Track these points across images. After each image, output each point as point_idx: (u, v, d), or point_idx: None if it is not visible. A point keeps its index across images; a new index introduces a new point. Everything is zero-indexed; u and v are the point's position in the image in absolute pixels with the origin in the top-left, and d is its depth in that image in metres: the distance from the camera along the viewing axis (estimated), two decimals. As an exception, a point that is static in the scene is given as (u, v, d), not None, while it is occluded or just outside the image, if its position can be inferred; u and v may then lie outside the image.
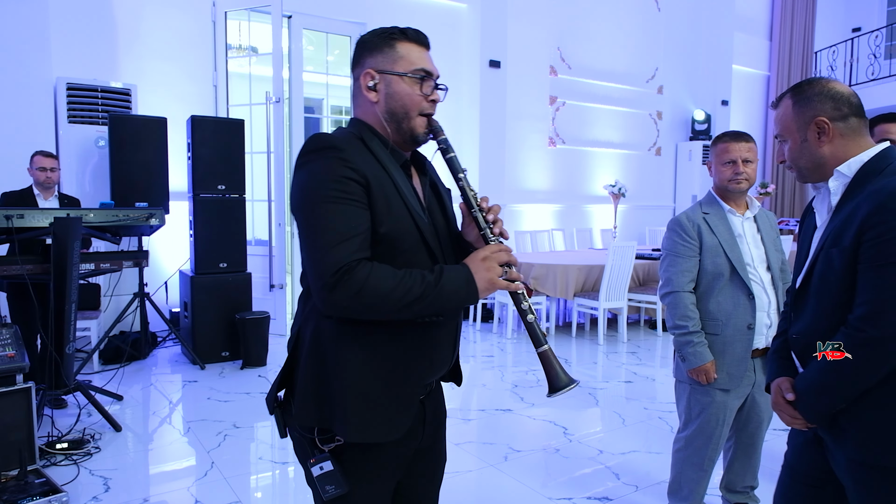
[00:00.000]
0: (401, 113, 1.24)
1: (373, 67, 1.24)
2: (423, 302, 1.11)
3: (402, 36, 1.25)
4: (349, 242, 1.10)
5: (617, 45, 8.51)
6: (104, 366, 4.63)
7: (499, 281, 1.17)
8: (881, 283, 1.19)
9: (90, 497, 2.63)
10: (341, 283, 1.08)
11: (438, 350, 1.26)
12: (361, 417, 1.18)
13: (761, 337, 2.10)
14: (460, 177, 1.26)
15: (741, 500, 2.31)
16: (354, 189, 1.13)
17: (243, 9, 5.78)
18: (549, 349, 1.21)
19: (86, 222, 3.38)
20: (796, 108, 1.38)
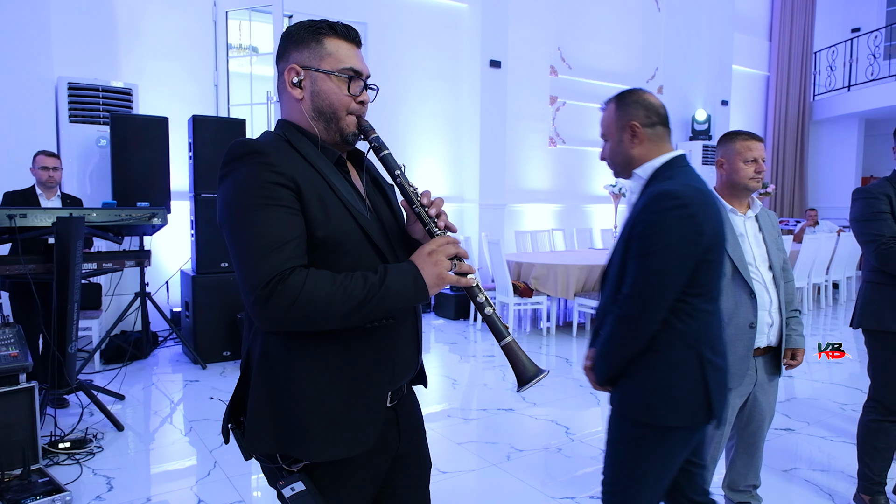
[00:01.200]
0: (328, 112, 1.17)
1: (298, 63, 1.17)
2: (368, 305, 1.04)
3: (331, 31, 1.17)
4: (280, 251, 1.03)
5: (617, 45, 8.53)
6: (106, 365, 4.64)
7: (448, 275, 1.11)
8: (639, 270, 1.45)
9: (93, 496, 2.63)
10: (274, 295, 1.01)
11: (399, 352, 1.20)
12: (323, 435, 1.11)
13: (763, 336, 2.10)
14: (397, 174, 1.19)
15: (744, 499, 2.31)
16: (283, 194, 1.06)
17: (244, 8, 5.79)
18: (513, 341, 1.14)
19: (88, 222, 3.38)
20: (617, 112, 1.60)
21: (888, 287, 2.34)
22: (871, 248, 2.32)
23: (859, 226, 2.39)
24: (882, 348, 2.38)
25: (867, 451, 2.44)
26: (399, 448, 1.27)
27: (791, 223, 9.33)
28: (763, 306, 2.08)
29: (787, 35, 10.52)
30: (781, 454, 3.13)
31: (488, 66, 7.20)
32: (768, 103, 10.73)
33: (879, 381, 2.40)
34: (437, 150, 7.28)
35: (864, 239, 2.37)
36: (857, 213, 2.40)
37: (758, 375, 2.13)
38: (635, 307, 1.46)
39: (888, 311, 2.33)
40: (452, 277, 1.12)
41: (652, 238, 1.44)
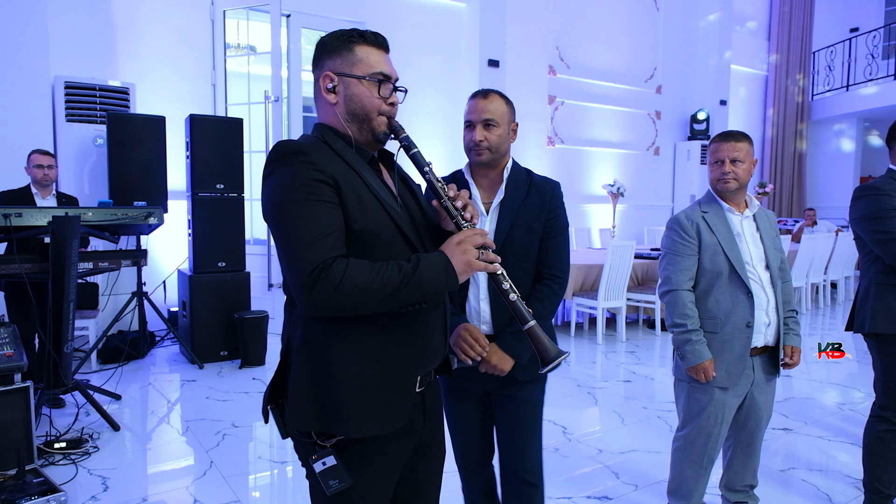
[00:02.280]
0: (361, 114, 1.26)
1: (331, 70, 1.27)
2: (403, 291, 1.13)
3: (361, 39, 1.27)
4: (323, 242, 1.12)
5: (616, 44, 8.52)
6: (102, 365, 4.62)
7: (476, 262, 1.19)
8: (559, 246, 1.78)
9: (89, 496, 2.62)
10: (319, 282, 1.10)
11: (430, 338, 1.29)
12: (360, 412, 1.19)
13: (760, 335, 2.10)
14: (426, 170, 1.28)
15: (741, 499, 2.31)
16: (323, 190, 1.15)
17: (242, 8, 5.78)
18: (536, 325, 1.24)
19: (84, 221, 3.37)
20: (509, 108, 1.88)
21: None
22: (890, 247, 2.16)
23: (869, 223, 2.23)
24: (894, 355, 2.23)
25: (878, 462, 2.31)
26: (423, 434, 1.34)
27: (789, 223, 9.33)
28: (760, 306, 2.08)
29: (785, 35, 10.52)
30: (779, 454, 3.12)
31: (487, 66, 7.20)
32: (767, 103, 10.73)
33: (892, 390, 2.26)
34: (436, 150, 7.27)
35: (877, 237, 2.19)
36: (864, 211, 2.25)
37: (755, 375, 2.13)
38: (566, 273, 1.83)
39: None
40: (480, 264, 1.20)
41: None
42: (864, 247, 2.34)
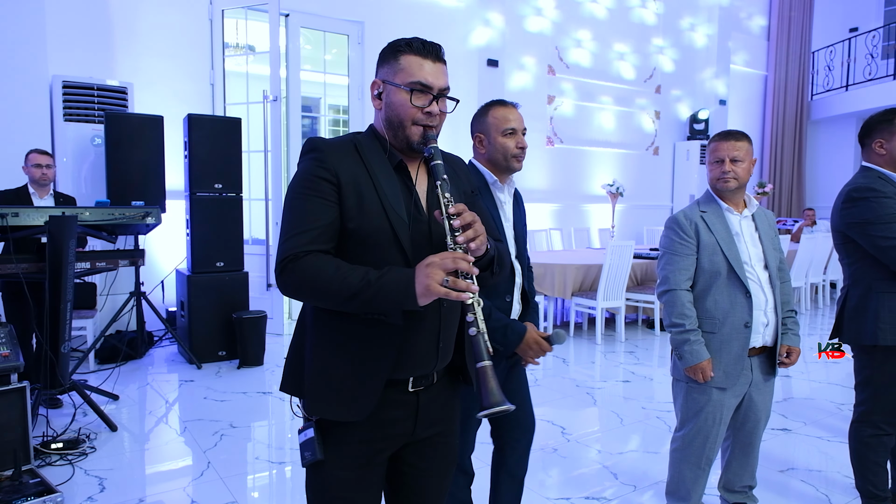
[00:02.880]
0: (395, 122, 1.29)
1: (380, 77, 1.32)
2: (360, 298, 1.15)
3: (408, 48, 1.30)
4: (302, 235, 1.20)
5: (615, 44, 8.51)
6: (100, 365, 4.62)
7: (436, 287, 1.12)
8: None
9: (85, 497, 2.61)
10: (286, 271, 1.19)
11: (411, 346, 1.27)
12: (318, 395, 1.27)
13: (758, 335, 2.09)
14: (438, 183, 1.24)
15: (739, 499, 2.30)
16: (322, 186, 1.22)
17: (240, 7, 5.76)
18: (490, 366, 1.15)
19: (81, 221, 3.36)
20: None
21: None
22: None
23: (874, 229, 2.10)
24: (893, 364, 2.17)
25: (868, 466, 2.28)
26: (414, 433, 1.33)
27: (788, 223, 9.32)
28: (759, 306, 2.07)
29: (785, 35, 10.52)
30: (778, 454, 3.11)
31: (486, 66, 7.19)
32: (766, 103, 10.73)
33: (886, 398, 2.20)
34: (435, 150, 7.27)
35: (885, 244, 2.08)
36: (867, 216, 2.12)
37: (753, 375, 2.12)
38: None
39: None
40: (441, 290, 1.12)
41: None
42: (854, 252, 2.22)
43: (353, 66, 6.71)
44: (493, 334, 1.81)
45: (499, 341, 1.83)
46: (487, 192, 1.91)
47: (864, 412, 2.26)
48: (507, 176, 1.96)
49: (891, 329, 2.12)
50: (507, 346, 1.84)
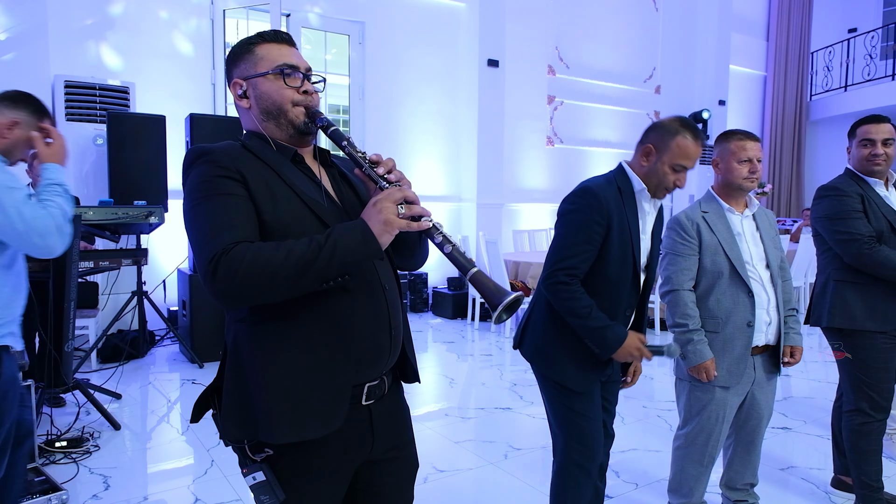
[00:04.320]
0: (274, 109, 1.23)
1: (238, 76, 1.26)
2: (316, 263, 1.05)
3: (260, 39, 1.26)
4: (224, 231, 1.08)
5: (615, 44, 8.53)
6: (102, 364, 4.63)
7: (395, 219, 1.09)
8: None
9: (90, 495, 2.62)
10: (220, 266, 1.04)
11: (363, 336, 1.20)
12: (287, 416, 1.14)
13: (761, 334, 2.11)
14: (344, 144, 1.22)
15: (741, 497, 2.32)
16: (227, 184, 1.12)
17: (242, 7, 5.78)
18: (479, 271, 1.12)
19: (85, 220, 3.37)
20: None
21: (861, 286, 2.31)
22: (852, 248, 2.28)
23: (832, 223, 2.34)
24: (856, 348, 2.34)
25: (860, 455, 2.36)
26: (373, 449, 1.27)
27: (788, 223, 9.35)
28: (761, 305, 2.09)
29: (784, 35, 10.54)
30: (778, 453, 3.13)
31: (486, 66, 7.20)
32: (765, 103, 10.75)
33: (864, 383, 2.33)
34: (435, 150, 7.28)
35: (839, 238, 2.32)
36: (827, 211, 2.36)
37: (756, 374, 2.14)
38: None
39: (862, 311, 2.30)
40: (400, 221, 1.10)
41: None
42: (822, 244, 2.46)
43: (353, 66, 6.73)
44: (591, 334, 1.80)
45: (596, 342, 1.80)
46: (631, 198, 1.87)
47: (850, 401, 2.39)
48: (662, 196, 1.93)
49: (840, 313, 2.35)
50: (604, 348, 1.80)
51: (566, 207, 1.88)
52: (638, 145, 1.91)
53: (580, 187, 1.88)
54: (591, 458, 1.91)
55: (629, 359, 1.84)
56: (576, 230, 1.81)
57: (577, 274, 1.80)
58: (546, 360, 1.93)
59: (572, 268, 1.80)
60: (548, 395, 1.97)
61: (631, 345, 1.81)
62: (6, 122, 1.86)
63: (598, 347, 1.82)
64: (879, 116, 2.37)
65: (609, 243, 1.81)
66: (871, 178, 2.37)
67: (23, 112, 1.90)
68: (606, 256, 1.82)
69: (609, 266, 1.83)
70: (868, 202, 2.32)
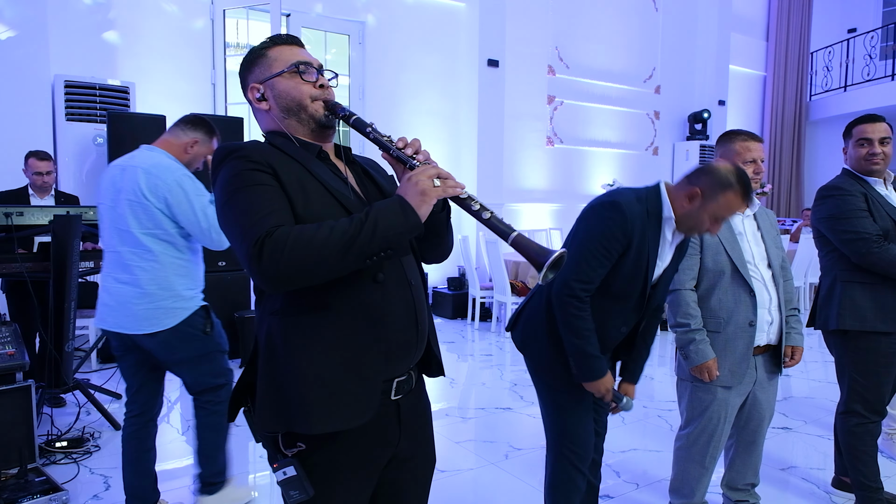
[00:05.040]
0: (294, 106, 1.25)
1: (254, 81, 1.28)
2: (360, 238, 1.06)
3: (270, 43, 1.29)
4: (266, 217, 1.09)
5: (615, 44, 8.53)
6: (102, 364, 4.62)
7: (431, 189, 1.12)
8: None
9: (90, 495, 2.62)
10: (265, 248, 1.05)
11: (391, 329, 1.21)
12: (323, 408, 1.16)
13: (763, 334, 2.11)
14: (368, 131, 1.23)
15: (742, 497, 2.32)
16: (261, 176, 1.14)
17: (242, 7, 5.78)
18: (519, 234, 1.13)
19: (85, 220, 3.37)
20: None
21: (870, 286, 2.27)
22: (860, 247, 2.23)
23: (837, 223, 2.29)
24: (858, 350, 2.31)
25: (858, 457, 2.35)
26: (399, 444, 1.29)
27: (787, 223, 9.35)
28: (763, 304, 2.09)
29: (783, 35, 10.55)
30: (779, 453, 3.13)
31: (486, 66, 7.20)
32: (765, 103, 10.75)
33: (860, 385, 2.31)
34: (435, 150, 7.21)
35: (846, 237, 2.27)
36: (831, 211, 2.32)
37: (757, 374, 2.14)
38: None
39: (873, 311, 2.26)
40: (436, 190, 1.13)
41: None
42: (825, 245, 2.42)
43: (353, 65, 6.73)
44: (580, 358, 1.81)
45: (579, 367, 1.81)
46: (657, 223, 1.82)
47: (846, 402, 2.38)
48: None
49: (850, 315, 2.30)
50: (584, 374, 1.82)
51: (592, 217, 1.84)
52: (685, 181, 1.83)
53: (610, 199, 1.82)
54: (582, 455, 1.93)
55: (597, 394, 1.86)
56: (597, 243, 1.78)
57: (591, 290, 1.79)
58: (538, 355, 1.96)
59: (588, 282, 1.78)
60: (538, 388, 2.01)
61: (605, 383, 1.85)
62: (189, 141, 2.35)
63: (579, 371, 1.83)
64: (875, 116, 2.35)
65: (623, 261, 1.79)
66: (869, 177, 2.35)
67: (199, 132, 2.37)
68: (616, 272, 1.80)
69: (616, 282, 1.81)
70: (871, 201, 2.28)
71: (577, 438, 1.92)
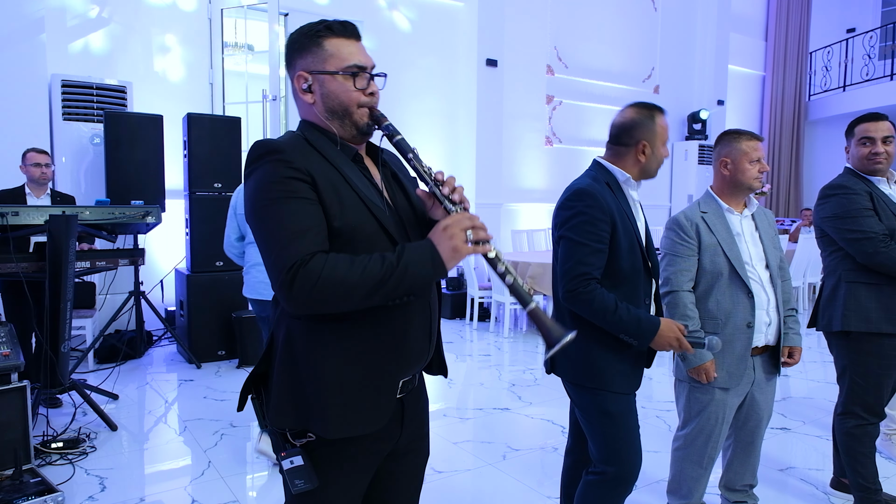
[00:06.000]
0: (340, 111, 1.22)
1: (304, 69, 1.23)
2: (388, 284, 1.09)
3: (329, 32, 1.23)
4: (301, 239, 1.10)
5: (614, 44, 8.53)
6: (99, 365, 4.61)
7: (464, 246, 1.12)
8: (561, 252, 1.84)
9: (86, 496, 2.61)
10: (297, 278, 1.07)
11: (412, 340, 1.24)
12: (341, 412, 1.18)
13: (761, 335, 2.10)
14: (410, 157, 1.22)
15: (740, 498, 2.31)
16: (300, 186, 1.13)
17: (239, 6, 5.76)
18: (537, 306, 1.15)
19: (81, 220, 3.36)
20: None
21: (876, 286, 2.24)
22: (866, 247, 2.20)
23: (842, 223, 2.26)
24: (861, 352, 2.29)
25: (857, 458, 2.34)
26: (399, 439, 1.31)
27: (786, 223, 9.35)
28: (761, 305, 2.08)
29: (782, 35, 10.54)
30: (777, 453, 3.13)
31: (485, 65, 7.19)
32: (764, 103, 10.75)
33: (860, 386, 2.30)
34: (434, 149, 7.27)
35: (851, 237, 2.23)
36: (836, 210, 2.28)
37: (755, 375, 2.13)
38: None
39: (878, 312, 2.24)
40: (469, 248, 1.13)
41: None
42: (829, 245, 2.39)
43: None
44: (626, 327, 1.75)
45: (632, 333, 1.76)
46: (620, 190, 1.90)
47: (845, 403, 2.36)
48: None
49: (855, 316, 2.27)
50: (641, 337, 1.75)
51: (567, 214, 1.83)
52: (616, 148, 2.00)
53: (573, 191, 1.85)
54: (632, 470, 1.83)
55: (668, 348, 1.77)
56: (585, 234, 1.77)
57: (592, 277, 1.75)
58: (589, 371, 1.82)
59: (585, 274, 1.75)
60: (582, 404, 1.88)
61: (669, 332, 1.76)
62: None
63: (636, 338, 1.75)
64: (878, 114, 2.33)
65: (616, 238, 1.79)
66: (872, 176, 2.32)
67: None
68: (617, 251, 1.79)
69: (621, 259, 1.79)
70: (876, 200, 2.25)
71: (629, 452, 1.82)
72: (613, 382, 1.80)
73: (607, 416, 1.81)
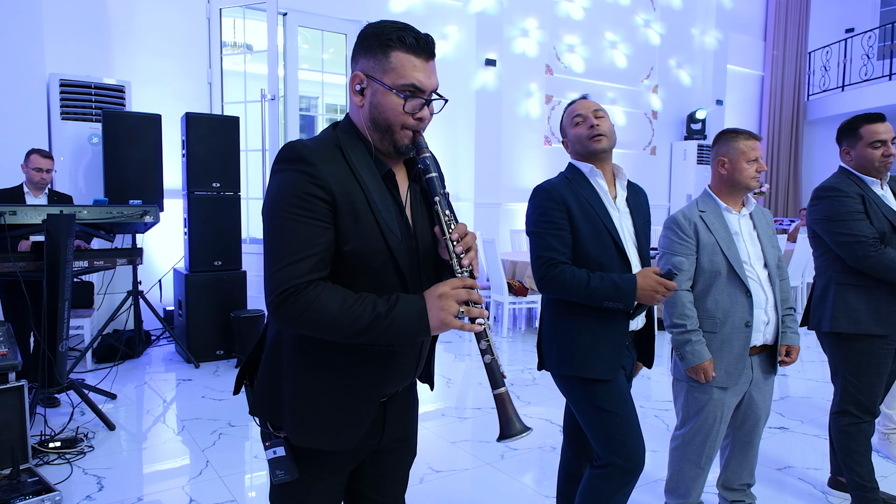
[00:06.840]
0: (383, 125, 1.18)
1: (363, 70, 1.19)
2: (371, 332, 1.09)
3: (399, 44, 1.17)
4: (301, 263, 1.08)
5: (613, 44, 8.52)
6: (97, 364, 4.61)
7: (452, 321, 1.09)
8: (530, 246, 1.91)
9: (84, 496, 2.61)
10: (286, 304, 1.08)
11: (399, 361, 1.24)
12: (307, 424, 1.19)
13: (759, 334, 2.10)
14: (436, 200, 1.19)
15: (738, 497, 2.31)
16: (317, 207, 1.10)
17: (238, 6, 5.76)
18: (506, 392, 1.15)
19: (79, 219, 3.35)
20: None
21: (864, 289, 2.26)
22: (857, 250, 2.21)
23: (833, 225, 2.27)
24: (852, 352, 2.31)
25: (852, 457, 2.35)
26: (381, 441, 1.32)
27: (785, 223, 9.36)
28: (759, 304, 2.08)
29: (781, 35, 10.55)
30: (775, 453, 3.13)
31: (484, 65, 7.19)
32: (763, 103, 10.76)
33: (853, 385, 2.32)
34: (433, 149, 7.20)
35: (842, 240, 2.24)
36: (828, 213, 2.29)
37: (753, 374, 2.13)
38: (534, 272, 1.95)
39: (867, 314, 2.25)
40: (457, 324, 1.11)
41: None
42: (820, 246, 2.40)
43: (351, 65, 6.71)
44: (606, 293, 1.75)
45: (612, 297, 1.76)
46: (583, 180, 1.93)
47: (839, 402, 2.39)
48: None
49: (844, 317, 2.30)
50: (624, 299, 1.75)
51: (528, 213, 1.95)
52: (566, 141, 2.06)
53: (532, 192, 1.96)
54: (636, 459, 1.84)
55: (655, 296, 1.76)
56: (542, 224, 1.86)
57: (556, 259, 1.82)
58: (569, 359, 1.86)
59: (551, 259, 1.83)
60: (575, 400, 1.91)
61: (647, 281, 1.75)
62: None
63: (619, 300, 1.75)
64: (879, 115, 2.32)
65: (575, 225, 1.85)
66: (868, 177, 2.32)
67: None
68: (578, 237, 1.85)
69: (584, 245, 1.84)
70: (868, 202, 2.26)
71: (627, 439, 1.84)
72: (593, 368, 1.83)
73: (601, 409, 1.84)
